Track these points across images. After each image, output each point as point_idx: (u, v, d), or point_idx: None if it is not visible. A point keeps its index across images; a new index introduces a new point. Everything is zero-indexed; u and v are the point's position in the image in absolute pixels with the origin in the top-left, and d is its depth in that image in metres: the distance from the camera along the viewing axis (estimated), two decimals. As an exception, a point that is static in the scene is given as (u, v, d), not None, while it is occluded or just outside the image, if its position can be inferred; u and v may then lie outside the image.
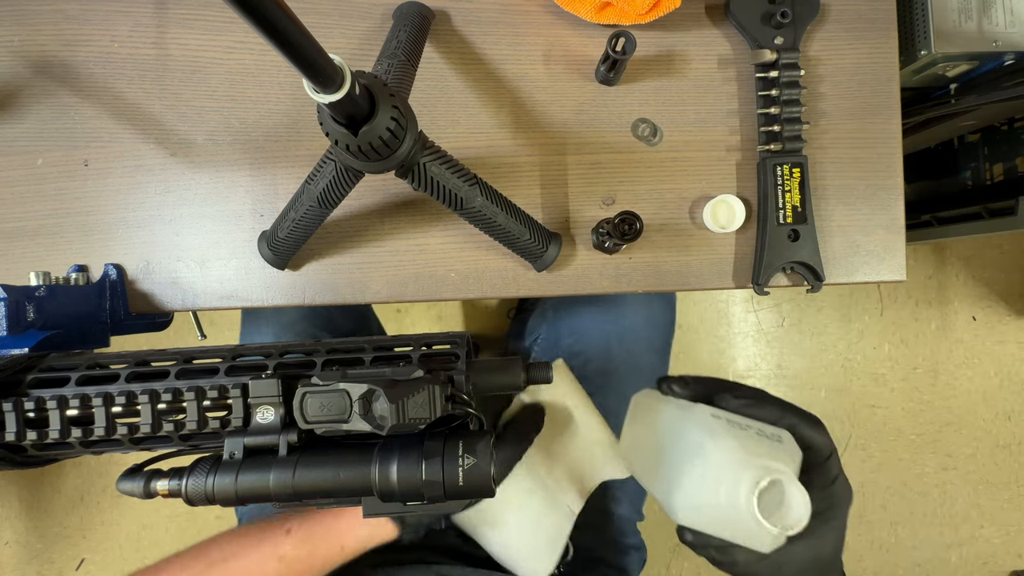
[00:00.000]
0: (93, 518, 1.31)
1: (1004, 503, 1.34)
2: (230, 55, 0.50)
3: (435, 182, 0.38)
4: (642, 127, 0.50)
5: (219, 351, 0.32)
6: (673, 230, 0.50)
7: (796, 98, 0.47)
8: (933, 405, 1.35)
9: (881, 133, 0.50)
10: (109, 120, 0.49)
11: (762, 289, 0.48)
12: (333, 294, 0.49)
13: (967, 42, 0.59)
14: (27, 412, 0.30)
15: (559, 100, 0.50)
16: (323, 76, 0.24)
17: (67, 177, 0.49)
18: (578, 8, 0.48)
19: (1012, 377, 1.35)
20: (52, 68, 0.49)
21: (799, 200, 0.48)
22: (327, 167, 0.38)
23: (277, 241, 0.45)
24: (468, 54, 0.50)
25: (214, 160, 0.49)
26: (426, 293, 0.50)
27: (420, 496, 0.28)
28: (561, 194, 0.50)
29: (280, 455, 0.29)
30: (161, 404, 0.30)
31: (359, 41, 0.50)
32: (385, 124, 0.31)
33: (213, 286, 0.49)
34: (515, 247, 0.46)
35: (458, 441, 0.28)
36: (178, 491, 0.28)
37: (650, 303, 0.67)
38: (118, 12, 0.49)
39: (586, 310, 0.67)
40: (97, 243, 0.49)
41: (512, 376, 0.32)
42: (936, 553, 1.33)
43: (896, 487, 1.34)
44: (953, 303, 1.36)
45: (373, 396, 0.27)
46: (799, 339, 1.36)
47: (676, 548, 1.30)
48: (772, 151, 0.48)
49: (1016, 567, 1.33)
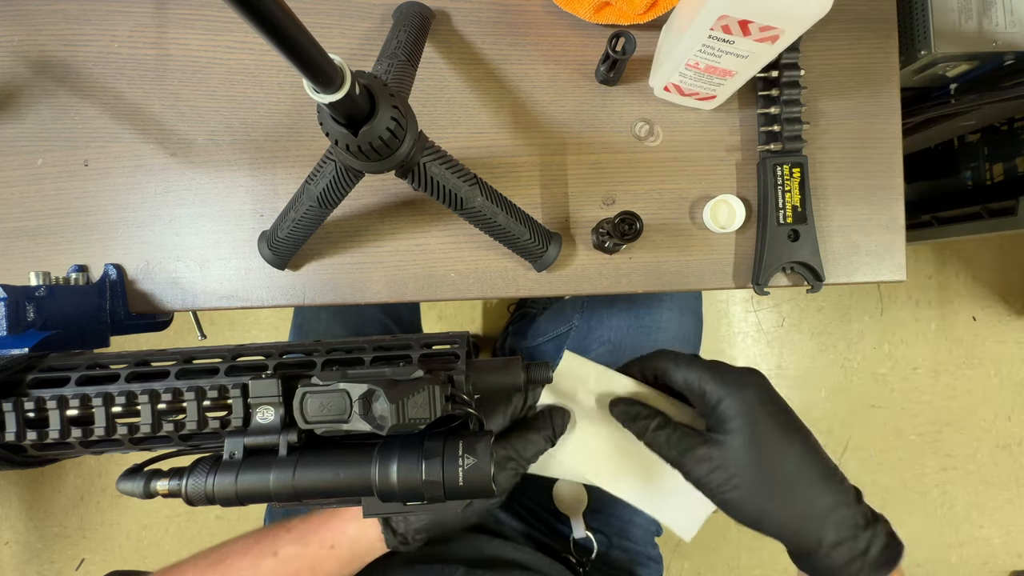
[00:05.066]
0: (93, 518, 1.31)
1: (1004, 503, 1.34)
2: (230, 55, 0.50)
3: (435, 182, 0.38)
4: (642, 127, 0.50)
5: (219, 351, 0.32)
6: (673, 230, 0.50)
7: (796, 98, 0.47)
8: (933, 405, 1.35)
9: (881, 133, 0.50)
10: (109, 120, 0.49)
11: (762, 289, 0.48)
12: (333, 294, 0.49)
13: (967, 42, 0.59)
14: (27, 412, 0.30)
15: (559, 100, 0.50)
16: (323, 76, 0.24)
17: (67, 177, 0.49)
18: (577, 8, 0.48)
19: (1012, 377, 1.35)
20: (52, 68, 0.49)
21: (799, 200, 0.48)
22: (327, 167, 0.38)
23: (277, 241, 0.45)
24: (468, 54, 0.50)
25: (214, 160, 0.50)
26: (426, 293, 0.50)
27: (420, 496, 0.28)
28: (561, 194, 0.50)
29: (280, 455, 0.29)
30: (161, 404, 0.30)
31: (359, 41, 0.50)
32: (385, 124, 0.31)
33: (213, 286, 0.49)
34: (515, 247, 0.46)
35: (458, 441, 0.28)
36: (178, 491, 0.28)
37: (682, 315, 0.68)
38: (118, 12, 0.49)
39: (613, 316, 0.67)
40: (97, 243, 0.49)
41: (512, 376, 0.32)
42: (936, 553, 1.33)
43: (896, 487, 1.34)
44: (953, 303, 1.36)
45: (373, 396, 0.27)
46: (799, 339, 1.36)
47: (676, 548, 1.30)
48: (772, 151, 0.48)
49: (1016, 567, 1.33)
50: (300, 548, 0.41)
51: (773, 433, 0.34)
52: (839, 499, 0.33)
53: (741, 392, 0.35)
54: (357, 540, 0.41)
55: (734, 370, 0.36)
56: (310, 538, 0.42)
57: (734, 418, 0.34)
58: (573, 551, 0.60)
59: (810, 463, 0.34)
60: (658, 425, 0.36)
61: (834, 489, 0.33)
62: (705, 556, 1.31)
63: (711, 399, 0.35)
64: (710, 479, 0.34)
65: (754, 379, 0.36)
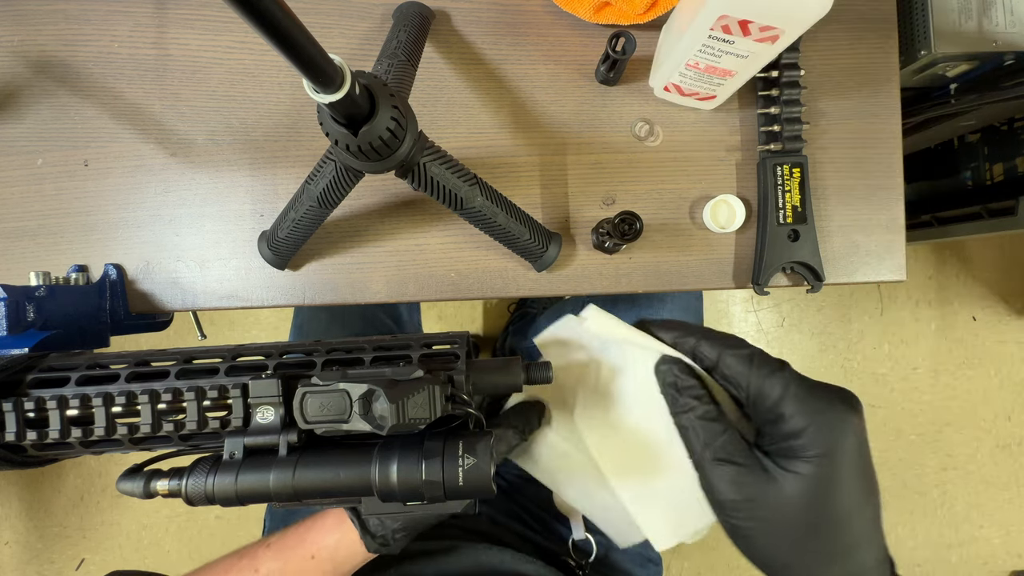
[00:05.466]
0: (93, 518, 1.31)
1: (1004, 503, 1.34)
2: (230, 55, 0.50)
3: (435, 182, 0.38)
4: (642, 127, 0.50)
5: (219, 351, 0.32)
6: (673, 230, 0.50)
7: (796, 98, 0.47)
8: (933, 405, 1.35)
9: (881, 133, 0.50)
10: (109, 120, 0.49)
11: (762, 289, 0.48)
12: (333, 294, 0.49)
13: (967, 42, 0.59)
14: (27, 412, 0.30)
15: (559, 100, 0.50)
16: (323, 76, 0.24)
17: (67, 177, 0.49)
18: (577, 8, 0.48)
19: (1012, 377, 1.35)
20: (52, 68, 0.49)
21: (799, 200, 0.48)
22: (327, 167, 0.38)
23: (277, 241, 0.45)
24: (468, 54, 0.50)
25: (214, 160, 0.49)
26: (426, 293, 0.50)
27: (420, 496, 0.28)
28: (561, 194, 0.50)
29: (280, 455, 0.29)
30: (161, 404, 0.30)
31: (359, 41, 0.50)
32: (385, 124, 0.31)
33: (213, 286, 0.49)
34: (515, 247, 0.45)
35: (458, 441, 0.28)
36: (178, 491, 0.28)
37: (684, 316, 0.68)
38: (118, 12, 0.49)
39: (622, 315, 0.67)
40: (97, 243, 0.49)
41: (512, 376, 0.32)
42: (936, 553, 1.33)
43: (896, 487, 1.34)
44: (953, 303, 1.36)
45: (373, 396, 0.27)
46: (799, 339, 1.36)
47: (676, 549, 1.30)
48: (772, 151, 0.48)
49: (1016, 567, 1.33)
50: (281, 563, 0.42)
51: (852, 498, 0.27)
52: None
53: (834, 435, 0.27)
54: (337, 548, 0.41)
55: (832, 398, 0.28)
56: (290, 552, 0.42)
57: (812, 461, 0.27)
58: (572, 553, 0.60)
59: (869, 537, 0.28)
60: (706, 415, 0.29)
61: (882, 559, 0.28)
62: (705, 556, 1.31)
63: (789, 426, 0.27)
64: (736, 506, 0.28)
65: (854, 421, 0.27)
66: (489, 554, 0.54)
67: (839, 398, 0.28)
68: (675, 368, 0.31)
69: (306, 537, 0.42)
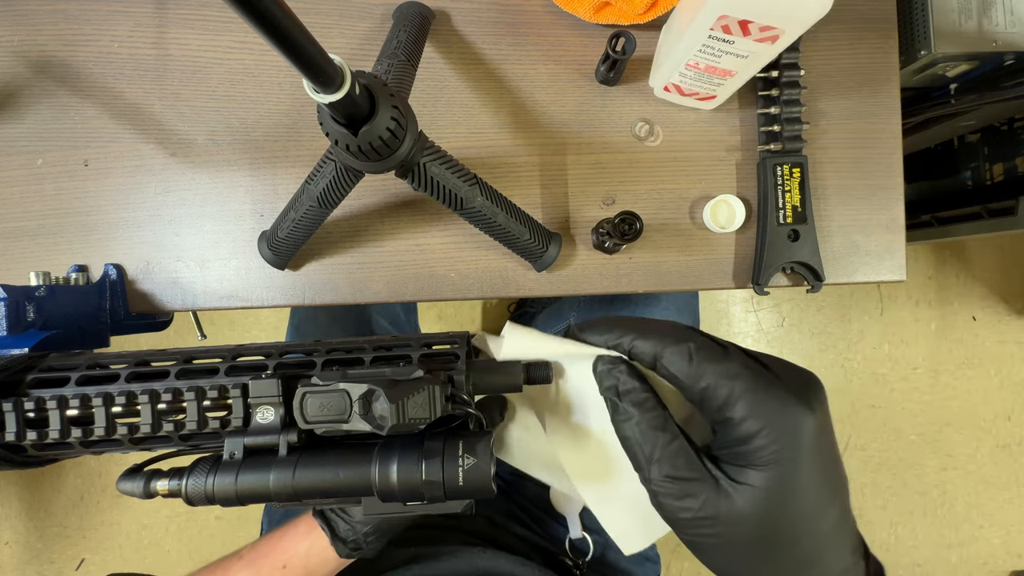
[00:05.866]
0: (93, 518, 1.31)
1: (1004, 503, 1.34)
2: (230, 55, 0.50)
3: (435, 182, 0.38)
4: (642, 127, 0.50)
5: (219, 351, 0.32)
6: (673, 230, 0.50)
7: (796, 98, 0.47)
8: (933, 405, 1.35)
9: (881, 133, 0.50)
10: (109, 120, 0.49)
11: (762, 289, 0.48)
12: (333, 294, 0.49)
13: (967, 42, 0.59)
14: (27, 412, 0.30)
15: (559, 100, 0.50)
16: (323, 76, 0.24)
17: (67, 177, 0.49)
18: (577, 8, 0.48)
19: (1012, 377, 1.35)
20: (52, 68, 0.49)
21: (799, 200, 0.48)
22: (327, 167, 0.38)
23: (277, 241, 0.45)
24: (468, 54, 0.50)
25: (214, 160, 0.50)
26: (426, 293, 0.50)
27: (420, 496, 0.28)
28: (561, 194, 0.50)
29: (280, 455, 0.29)
30: (161, 404, 0.30)
31: (359, 41, 0.50)
32: (385, 124, 0.31)
33: (213, 286, 0.49)
34: (515, 247, 0.46)
35: (458, 441, 0.28)
36: (178, 491, 0.28)
37: (679, 315, 0.67)
38: (118, 12, 0.49)
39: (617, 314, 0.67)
40: (97, 243, 0.49)
41: (512, 376, 0.32)
42: (936, 553, 1.33)
43: (896, 487, 1.34)
44: (953, 303, 1.36)
45: (373, 396, 0.27)
46: (799, 339, 1.36)
47: (676, 549, 1.30)
48: (772, 151, 0.48)
49: (1016, 567, 1.33)
50: (252, 572, 0.42)
51: (812, 502, 0.25)
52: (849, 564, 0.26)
53: (788, 438, 0.24)
54: (308, 556, 0.41)
55: (786, 397, 0.25)
56: (261, 562, 0.42)
57: (764, 470, 0.24)
58: (569, 552, 0.60)
59: (834, 540, 0.26)
60: (651, 423, 0.26)
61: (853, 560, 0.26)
62: (705, 556, 1.31)
63: (740, 431, 0.25)
64: (688, 524, 0.26)
65: (811, 420, 0.24)
66: (484, 557, 0.54)
67: (794, 396, 0.25)
68: (615, 370, 0.28)
69: (278, 546, 0.42)
